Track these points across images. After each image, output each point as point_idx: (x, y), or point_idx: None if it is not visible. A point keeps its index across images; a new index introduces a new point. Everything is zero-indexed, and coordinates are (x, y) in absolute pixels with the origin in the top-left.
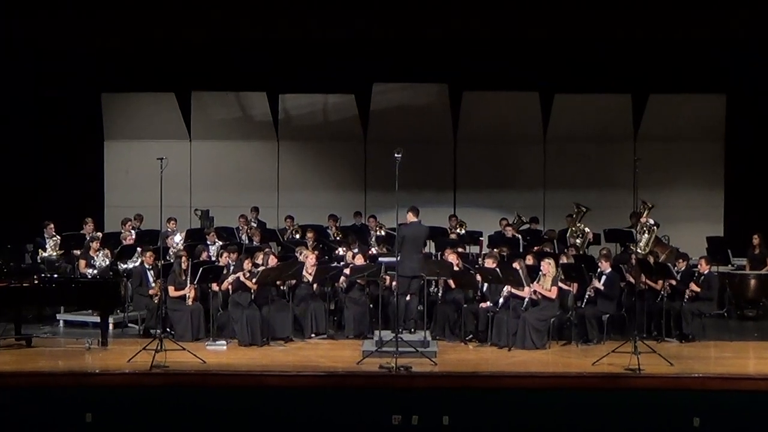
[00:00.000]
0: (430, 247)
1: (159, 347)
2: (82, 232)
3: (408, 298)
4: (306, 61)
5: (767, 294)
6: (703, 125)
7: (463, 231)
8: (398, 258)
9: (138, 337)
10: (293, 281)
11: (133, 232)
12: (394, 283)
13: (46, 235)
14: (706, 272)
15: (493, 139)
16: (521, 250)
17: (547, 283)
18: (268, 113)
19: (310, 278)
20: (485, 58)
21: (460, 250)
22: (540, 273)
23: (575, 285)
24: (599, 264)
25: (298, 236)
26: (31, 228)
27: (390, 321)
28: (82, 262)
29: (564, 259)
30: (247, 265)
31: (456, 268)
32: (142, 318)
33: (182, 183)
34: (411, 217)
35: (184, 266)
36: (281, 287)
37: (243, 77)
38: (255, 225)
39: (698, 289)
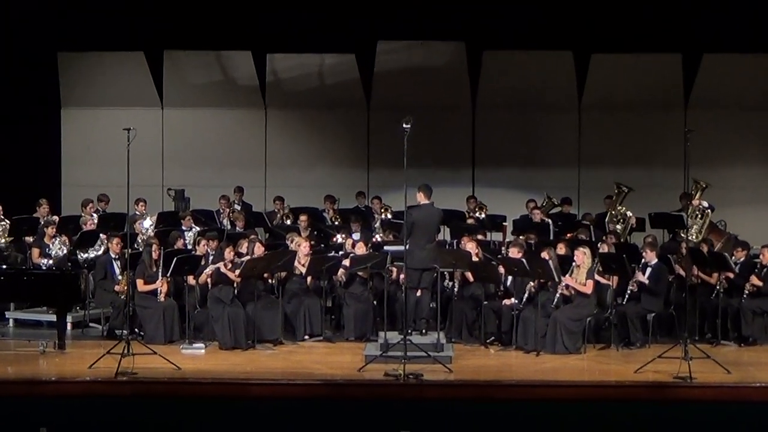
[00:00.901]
0: (445, 234)
1: (126, 351)
2: (35, 215)
3: (418, 293)
4: (299, 15)
5: None
6: None
7: (484, 215)
8: (407, 246)
9: (101, 339)
10: (283, 274)
11: (95, 215)
12: (402, 276)
13: None
14: None
15: (519, 106)
16: (552, 237)
17: (581, 276)
18: (254, 76)
19: (304, 270)
20: (509, 12)
21: (479, 237)
22: (573, 264)
23: (615, 278)
24: (643, 254)
25: (288, 221)
26: None
27: (397, 320)
28: (36, 251)
29: (602, 248)
30: (229, 254)
31: (475, 259)
32: (105, 317)
33: (153, 158)
34: (422, 198)
35: (155, 256)
36: (269, 281)
37: (225, 34)
38: (238, 207)
39: (760, 284)
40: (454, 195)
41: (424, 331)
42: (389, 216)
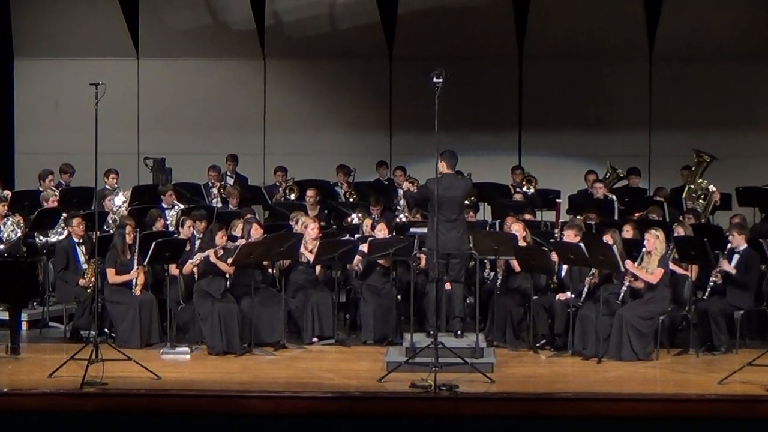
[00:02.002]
0: (485, 213)
1: (94, 356)
2: None
3: (448, 286)
4: None
5: None
6: None
7: (533, 189)
8: (430, 227)
9: (63, 341)
10: (286, 262)
11: (56, 190)
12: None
13: None
14: None
15: (576, 56)
16: (616, 216)
17: (652, 265)
18: (250, 19)
19: (311, 257)
20: None
21: (527, 216)
22: (643, 250)
23: (694, 268)
24: (729, 237)
25: (293, 197)
26: None
27: (427, 319)
28: None
29: (678, 231)
30: (220, 238)
31: (522, 243)
32: (69, 314)
33: (127, 119)
34: (443, 168)
35: (129, 240)
36: (269, 270)
37: None
38: (231, 180)
39: None
40: (497, 165)
41: (458, 332)
42: (415, 191)
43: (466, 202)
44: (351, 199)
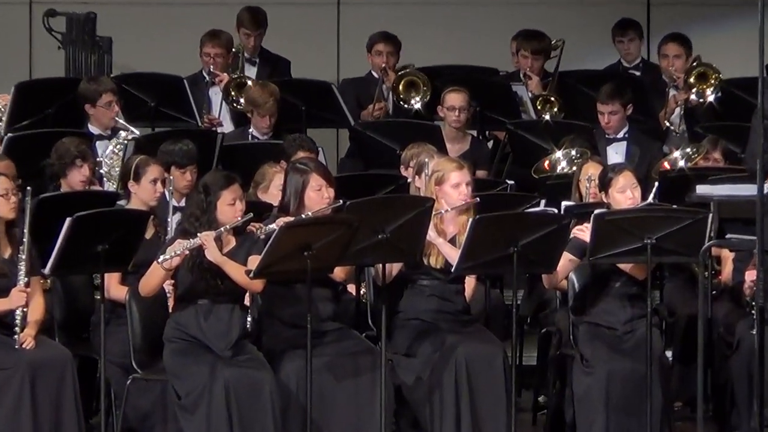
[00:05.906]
0: None
1: None
2: None
3: None
4: None
5: None
6: None
7: None
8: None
9: None
10: (394, 267)
11: None
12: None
13: None
14: None
15: None
16: None
17: None
18: None
19: (455, 257)
20: None
21: None
22: None
23: None
24: None
25: (414, 104)
26: None
27: (737, 408)
28: None
29: None
30: (228, 208)
31: None
32: None
33: None
34: None
35: (7, 213)
36: (355, 292)
37: None
38: (254, 69)
39: None
40: None
41: None
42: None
43: None
44: (548, 117)
